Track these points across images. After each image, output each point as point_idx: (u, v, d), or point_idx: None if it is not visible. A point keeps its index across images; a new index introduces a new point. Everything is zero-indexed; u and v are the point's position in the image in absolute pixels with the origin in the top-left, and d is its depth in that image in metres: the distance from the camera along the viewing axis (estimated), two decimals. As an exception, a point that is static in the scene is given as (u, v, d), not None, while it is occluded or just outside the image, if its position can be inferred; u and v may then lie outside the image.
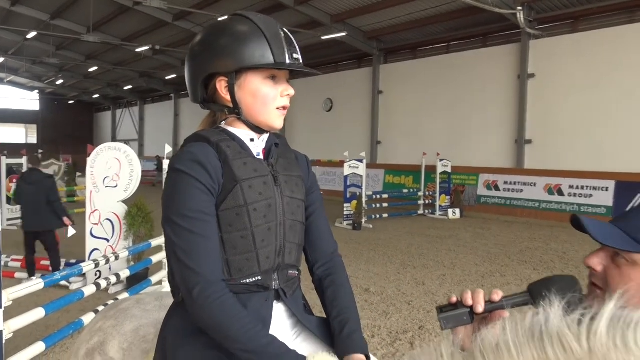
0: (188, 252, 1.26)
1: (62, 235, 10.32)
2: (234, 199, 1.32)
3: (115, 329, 1.71)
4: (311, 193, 1.53)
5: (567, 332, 0.81)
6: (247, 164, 1.36)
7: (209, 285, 1.24)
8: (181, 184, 1.30)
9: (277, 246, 1.38)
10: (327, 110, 21.29)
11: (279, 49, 1.35)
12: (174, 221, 1.28)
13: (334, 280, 1.49)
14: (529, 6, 14.01)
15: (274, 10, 17.33)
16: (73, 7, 20.60)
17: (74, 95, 40.78)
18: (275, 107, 1.39)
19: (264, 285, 1.36)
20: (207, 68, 1.37)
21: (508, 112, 15.15)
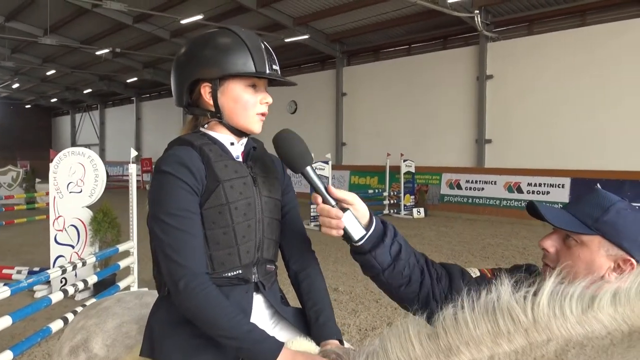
0: (175, 247, 1.35)
1: (22, 243, 10.10)
2: (217, 198, 1.42)
3: (98, 327, 1.77)
4: (286, 193, 1.65)
5: (515, 306, 0.97)
6: (228, 166, 1.47)
7: (194, 278, 1.34)
8: (167, 185, 1.39)
9: (256, 242, 1.49)
10: (291, 112, 21.38)
11: (260, 60, 1.47)
12: (162, 219, 1.37)
13: (309, 273, 1.61)
14: (486, 10, 14.44)
15: (236, 12, 17.33)
16: (29, 8, 20.04)
17: (30, 99, 39.58)
18: (255, 112, 1.51)
19: (245, 278, 1.48)
20: (192, 74, 1.47)
21: (468, 113, 15.57)
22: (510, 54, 14.58)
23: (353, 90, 19.07)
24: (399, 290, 1.52)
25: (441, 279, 1.57)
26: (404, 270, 1.50)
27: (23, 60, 27.38)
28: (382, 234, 1.49)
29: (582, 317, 0.92)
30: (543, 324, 0.94)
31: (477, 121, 15.27)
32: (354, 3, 15.70)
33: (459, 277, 1.57)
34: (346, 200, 1.45)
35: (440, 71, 16.23)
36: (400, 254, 1.50)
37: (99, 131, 36.34)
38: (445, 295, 1.53)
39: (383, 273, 1.49)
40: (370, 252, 1.46)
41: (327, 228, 1.44)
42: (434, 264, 1.60)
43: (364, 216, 1.48)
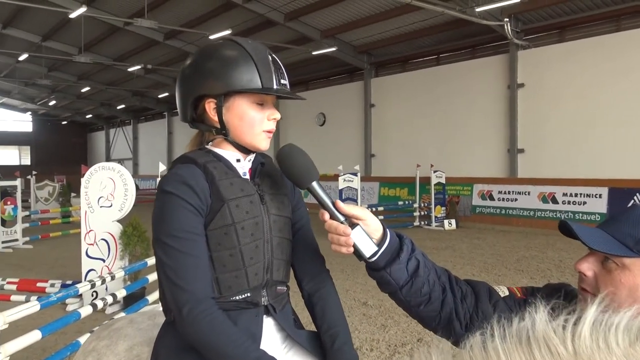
0: (177, 271, 1.29)
1: (57, 256, 10.30)
2: (222, 218, 1.36)
3: (109, 349, 1.72)
4: (297, 210, 1.57)
5: (553, 336, 0.85)
6: (234, 184, 1.40)
7: (198, 303, 1.28)
8: (170, 205, 1.33)
9: (265, 263, 1.42)
10: (320, 124, 21.39)
11: (267, 74, 1.39)
12: (164, 241, 1.32)
13: (323, 294, 1.52)
14: (516, 17, 14.21)
15: (264, 27, 17.50)
16: (64, 28, 20.69)
17: (67, 115, 40.76)
18: (262, 130, 1.43)
19: (253, 302, 1.40)
20: (196, 90, 1.41)
21: (499, 122, 15.28)
22: (542, 62, 14.28)
23: (381, 101, 18.97)
24: (418, 308, 1.43)
25: (466, 297, 1.45)
26: (422, 287, 1.40)
27: (59, 78, 28.26)
28: (398, 249, 1.40)
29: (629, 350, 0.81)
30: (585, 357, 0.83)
31: (509, 130, 14.96)
32: (381, 14, 15.67)
33: (485, 296, 1.45)
34: (356, 215, 1.38)
35: (469, 80, 16.00)
36: (418, 270, 1.40)
37: (132, 146, 37.08)
38: (470, 315, 1.43)
39: (400, 290, 1.40)
40: (385, 268, 1.38)
41: (336, 245, 1.36)
42: (458, 281, 1.49)
43: (376, 231, 1.40)
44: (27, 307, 3.78)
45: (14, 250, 11.52)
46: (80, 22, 18.42)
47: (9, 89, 33.35)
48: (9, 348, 3.49)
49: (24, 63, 25.27)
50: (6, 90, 33.84)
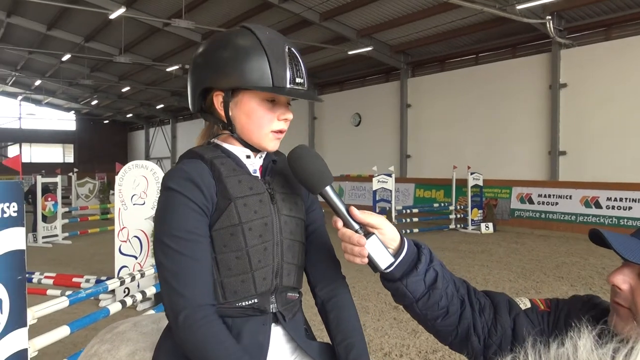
0: (176, 274, 1.21)
1: (94, 252, 10.51)
2: (228, 218, 1.27)
3: (110, 354, 1.63)
4: (311, 211, 1.47)
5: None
6: (242, 182, 1.31)
7: (195, 310, 1.19)
8: (173, 203, 1.25)
9: (274, 267, 1.32)
10: (355, 125, 21.24)
11: (281, 72, 1.26)
12: (164, 242, 1.23)
13: (338, 302, 1.42)
14: (559, 15, 13.74)
15: (300, 27, 17.48)
16: (105, 29, 21.19)
17: (108, 115, 41.85)
18: (270, 130, 1.32)
19: (261, 308, 1.30)
20: (204, 81, 1.32)
21: (540, 123, 14.82)
22: (586, 61, 13.76)
23: (418, 102, 18.69)
24: (435, 322, 1.33)
25: (484, 310, 1.34)
26: (440, 300, 1.30)
27: (101, 79, 29.01)
28: (415, 259, 1.30)
29: None
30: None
31: (550, 132, 14.48)
32: (418, 13, 15.42)
33: (505, 309, 1.34)
34: (371, 223, 1.28)
35: (509, 80, 15.58)
36: (436, 282, 1.30)
37: (170, 145, 37.75)
38: (489, 329, 1.32)
39: (416, 303, 1.30)
40: (401, 280, 1.28)
41: (350, 255, 1.27)
42: (476, 292, 1.38)
43: (393, 240, 1.29)
44: (56, 303, 3.80)
45: (54, 246, 11.83)
46: (120, 24, 18.84)
47: (54, 88, 34.43)
48: (38, 343, 3.51)
49: (68, 63, 26.07)
50: (51, 90, 34.94)
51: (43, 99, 37.72)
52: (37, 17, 21.31)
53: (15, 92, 37.34)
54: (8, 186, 2.74)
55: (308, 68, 1.34)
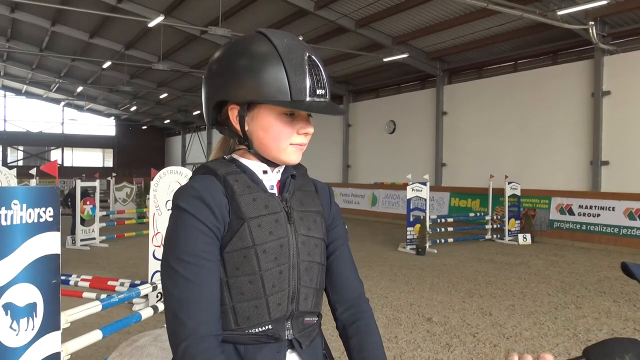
0: (180, 301, 1.13)
1: (129, 256, 10.68)
2: (241, 239, 1.19)
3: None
4: (333, 228, 1.38)
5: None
6: (257, 200, 1.23)
7: (197, 342, 1.11)
8: (181, 224, 1.17)
9: (289, 291, 1.24)
10: (389, 132, 21.08)
11: (299, 83, 1.17)
12: (171, 265, 1.16)
13: (360, 327, 1.34)
14: (602, 21, 13.33)
15: (335, 34, 17.49)
16: (144, 37, 21.68)
17: (146, 121, 42.79)
18: (289, 143, 1.24)
19: (275, 336, 1.22)
20: (219, 93, 1.24)
21: (581, 132, 14.37)
22: (631, 68, 13.29)
23: (454, 109, 18.41)
24: None
25: None
26: None
27: (140, 85, 29.69)
28: None
29: None
30: None
31: (592, 141, 14.03)
32: (455, 20, 15.21)
33: None
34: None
35: (549, 88, 15.18)
36: None
37: (206, 151, 38.30)
38: None
39: None
40: None
41: None
42: None
43: None
44: (89, 307, 3.84)
45: (91, 248, 12.07)
46: (159, 32, 19.24)
47: (95, 95, 35.42)
48: (71, 346, 3.54)
49: (108, 70, 26.77)
50: (92, 96, 35.96)
51: (85, 105, 38.83)
52: (80, 26, 21.98)
53: (59, 98, 38.60)
54: (44, 191, 2.77)
55: (343, 75, 1.26)
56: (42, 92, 37.61)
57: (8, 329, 2.54)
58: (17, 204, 2.55)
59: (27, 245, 2.62)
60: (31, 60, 29.40)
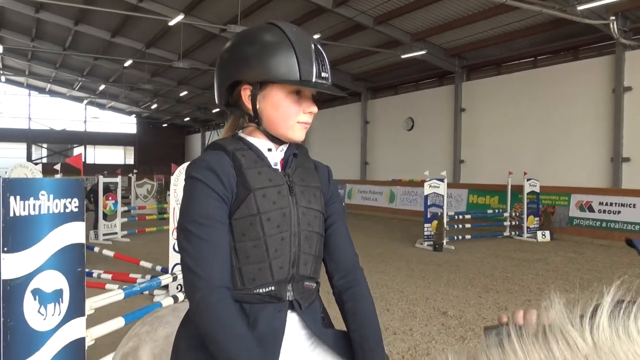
0: (195, 258, 1.26)
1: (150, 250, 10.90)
2: (247, 207, 1.32)
3: (149, 335, 1.75)
4: (331, 204, 1.52)
5: (571, 329, 0.83)
6: (262, 173, 1.36)
7: (212, 292, 1.24)
8: (195, 192, 1.31)
9: (291, 256, 1.37)
10: (408, 129, 21.06)
11: (307, 66, 1.33)
12: (186, 228, 1.29)
13: (354, 293, 1.46)
14: (624, 15, 13.16)
15: (353, 31, 17.53)
16: (165, 36, 21.96)
17: (167, 118, 43.28)
18: (296, 121, 1.38)
19: (277, 296, 1.35)
20: (233, 75, 1.37)
21: (602, 128, 14.21)
22: (653, 63, 13.11)
23: (472, 106, 18.32)
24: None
25: None
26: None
27: (161, 83, 30.06)
28: None
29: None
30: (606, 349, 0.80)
31: (613, 138, 13.86)
32: (473, 16, 15.14)
33: None
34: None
35: (569, 84, 15.03)
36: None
37: (225, 148, 38.61)
38: None
39: None
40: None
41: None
42: None
43: None
44: (112, 295, 3.99)
45: (113, 243, 12.33)
46: (179, 30, 19.47)
47: (116, 93, 35.95)
48: (95, 332, 3.69)
49: (129, 69, 27.17)
50: (114, 94, 36.50)
51: (107, 103, 39.46)
52: (102, 25, 22.35)
53: (81, 97, 39.27)
54: (70, 183, 2.91)
55: (361, 72, 1.39)
56: (65, 90, 38.29)
57: (36, 314, 2.67)
58: (44, 195, 2.68)
59: (53, 234, 2.75)
60: (55, 59, 29.97)
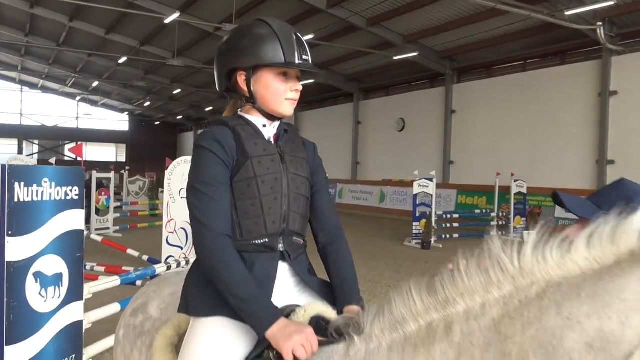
0: (204, 211, 1.51)
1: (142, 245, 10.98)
2: (246, 172, 1.59)
3: (156, 293, 2.00)
4: (316, 174, 1.79)
5: (503, 257, 1.14)
6: (258, 144, 1.63)
7: (217, 238, 1.49)
8: (203, 158, 1.58)
9: (282, 214, 1.63)
10: (399, 130, 21.29)
11: (290, 51, 1.60)
12: (196, 187, 1.54)
13: (335, 247, 1.72)
14: (610, 21, 13.45)
15: (346, 32, 17.72)
16: (160, 34, 22.04)
17: (160, 116, 43.24)
18: (285, 98, 1.65)
19: (270, 247, 1.61)
20: (230, 63, 1.66)
21: (588, 131, 14.51)
22: (638, 69, 13.41)
23: (463, 108, 18.59)
24: None
25: None
26: None
27: (154, 81, 30.08)
28: None
29: (561, 261, 1.09)
30: (527, 270, 1.11)
31: (599, 141, 14.17)
32: (464, 19, 15.39)
33: None
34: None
35: (557, 87, 15.33)
36: None
37: (217, 147, 38.63)
38: None
39: None
40: None
41: None
42: None
43: None
44: (109, 281, 4.16)
45: (105, 238, 12.41)
46: (174, 28, 19.57)
47: (109, 90, 35.92)
48: (92, 316, 3.85)
49: (123, 66, 27.19)
50: (107, 91, 36.46)
51: (99, 100, 39.39)
52: (97, 22, 22.38)
53: (74, 93, 39.16)
54: (71, 172, 3.07)
55: (354, 73, 1.62)
56: (57, 87, 38.18)
57: (37, 295, 2.83)
58: (47, 182, 2.84)
59: (55, 220, 2.91)
60: (48, 55, 29.92)
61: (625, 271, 0.99)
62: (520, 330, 1.07)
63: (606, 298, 0.99)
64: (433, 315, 1.24)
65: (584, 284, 1.03)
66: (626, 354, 0.94)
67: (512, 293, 1.12)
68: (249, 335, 1.51)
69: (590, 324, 0.99)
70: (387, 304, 1.33)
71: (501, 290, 1.14)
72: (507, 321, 1.10)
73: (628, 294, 0.97)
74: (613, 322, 0.96)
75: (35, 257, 2.76)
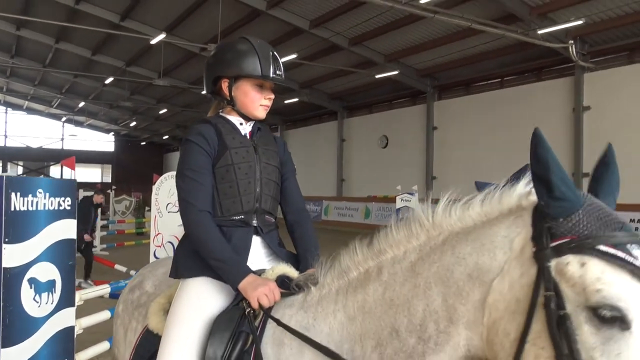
0: (189, 192, 1.83)
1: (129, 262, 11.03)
2: (225, 160, 1.92)
3: (151, 272, 2.35)
4: (285, 165, 2.14)
5: (422, 215, 1.48)
6: (235, 138, 1.98)
7: (199, 213, 1.81)
8: (190, 149, 1.90)
9: (255, 195, 1.95)
10: (382, 147, 21.67)
11: (267, 66, 1.93)
12: (184, 173, 1.86)
13: (301, 225, 2.07)
14: (582, 39, 14.00)
15: (329, 51, 18.11)
16: (146, 54, 22.26)
17: (145, 137, 43.24)
18: (259, 104, 1.99)
19: (246, 222, 1.93)
20: (216, 72, 2.01)
21: (564, 146, 14.97)
22: (610, 84, 13.95)
23: (444, 124, 19.03)
24: None
25: None
26: None
27: (140, 101, 30.22)
28: None
29: (461, 216, 1.43)
30: (437, 224, 1.46)
31: (574, 155, 14.63)
32: (443, 38, 15.88)
33: None
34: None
35: (533, 103, 15.82)
36: None
37: (203, 166, 38.63)
38: None
39: None
40: None
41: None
42: None
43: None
44: (99, 289, 4.35)
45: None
46: (160, 49, 19.84)
47: (95, 110, 35.96)
48: (84, 322, 4.02)
49: (109, 87, 27.34)
50: (93, 112, 36.49)
51: (85, 120, 39.35)
52: (83, 43, 22.58)
53: (59, 114, 39.12)
54: (64, 183, 3.27)
55: (337, 92, 1.95)
56: (43, 108, 38.13)
57: (32, 301, 3.00)
58: (41, 192, 3.02)
59: (48, 229, 3.07)
60: (34, 76, 29.97)
61: (500, 220, 1.36)
62: (428, 268, 1.42)
63: (483, 240, 1.34)
64: (370, 263, 1.57)
65: (473, 231, 1.39)
66: (492, 279, 1.30)
67: (426, 242, 1.47)
68: (227, 291, 1.81)
69: (471, 259, 1.34)
70: (337, 258, 1.64)
71: (418, 240, 1.48)
72: (420, 263, 1.44)
73: (497, 237, 1.33)
74: (485, 257, 1.32)
75: (30, 263, 2.90)
